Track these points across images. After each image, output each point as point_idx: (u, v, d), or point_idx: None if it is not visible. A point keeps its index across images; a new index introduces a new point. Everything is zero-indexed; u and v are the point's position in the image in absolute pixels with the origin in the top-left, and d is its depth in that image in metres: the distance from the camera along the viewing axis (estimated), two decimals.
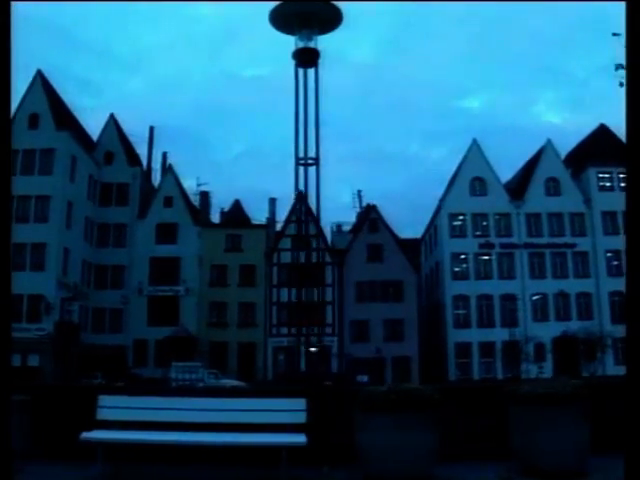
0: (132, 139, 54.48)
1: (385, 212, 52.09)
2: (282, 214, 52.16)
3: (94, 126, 54.20)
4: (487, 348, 50.67)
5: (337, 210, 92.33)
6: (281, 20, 10.79)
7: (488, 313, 51.74)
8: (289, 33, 10.87)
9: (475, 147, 54.08)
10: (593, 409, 6.68)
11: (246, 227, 50.64)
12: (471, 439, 7.90)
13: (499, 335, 50.36)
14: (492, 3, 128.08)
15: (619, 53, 6.47)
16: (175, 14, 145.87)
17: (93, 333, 48.69)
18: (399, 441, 6.22)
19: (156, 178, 55.72)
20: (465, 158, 54.09)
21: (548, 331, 50.45)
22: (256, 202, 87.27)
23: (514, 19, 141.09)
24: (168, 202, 50.68)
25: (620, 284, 52.27)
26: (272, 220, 53.53)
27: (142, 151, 55.60)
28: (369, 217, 51.21)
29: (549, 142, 54.90)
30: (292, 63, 10.85)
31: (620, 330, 51.96)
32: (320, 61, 10.69)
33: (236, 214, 52.16)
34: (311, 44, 10.78)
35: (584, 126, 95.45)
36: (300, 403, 6.70)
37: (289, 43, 10.76)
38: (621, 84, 6.92)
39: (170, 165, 52.79)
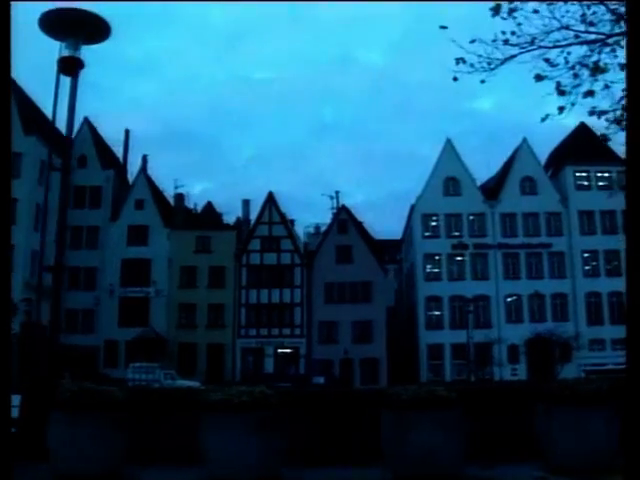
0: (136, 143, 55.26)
1: (394, 213, 51.93)
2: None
3: (104, 130, 55.66)
4: (459, 350, 50.19)
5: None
6: (49, 25, 10.86)
7: (461, 314, 51.22)
8: (57, 39, 10.93)
9: (449, 147, 53.61)
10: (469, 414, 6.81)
11: (216, 229, 50.88)
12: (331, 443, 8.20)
13: (473, 336, 49.85)
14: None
15: (454, 47, 6.50)
16: (185, 17, 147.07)
17: (66, 334, 49.22)
18: None
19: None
20: (439, 158, 53.64)
21: (522, 332, 49.79)
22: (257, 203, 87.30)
23: None
24: (139, 205, 51.17)
25: (596, 285, 51.56)
26: (245, 222, 53.69)
27: (147, 154, 55.80)
28: (338, 218, 51.07)
29: (525, 141, 54.15)
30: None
31: (597, 331, 51.41)
32: None
33: (208, 216, 52.41)
34: (77, 53, 10.81)
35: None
36: None
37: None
38: (455, 79, 6.82)
39: (142, 168, 53.27)
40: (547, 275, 51.99)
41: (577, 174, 53.25)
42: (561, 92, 6.64)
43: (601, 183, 51.94)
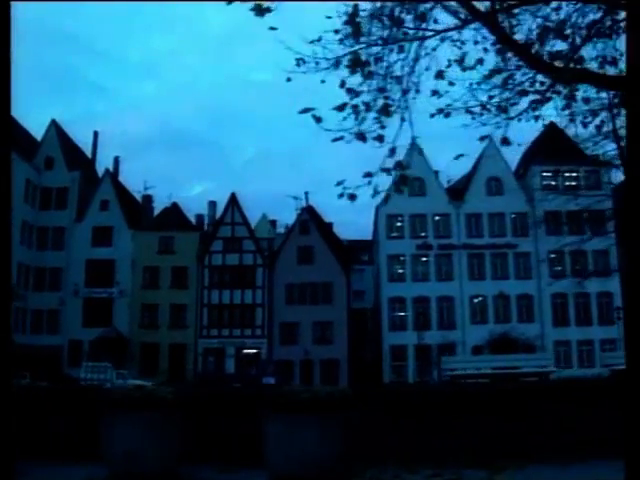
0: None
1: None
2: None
3: (105, 131, 56.14)
4: (423, 351, 49.98)
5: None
6: None
7: (425, 315, 51.01)
8: None
9: (415, 147, 53.20)
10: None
11: (179, 230, 51.09)
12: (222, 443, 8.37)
13: (435, 338, 49.67)
14: None
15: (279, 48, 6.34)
16: (184, 18, 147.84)
17: (31, 334, 49.82)
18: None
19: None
20: (404, 159, 53.23)
21: (487, 333, 49.48)
22: (256, 204, 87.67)
23: None
24: (104, 206, 51.57)
25: (562, 286, 51.01)
26: (210, 222, 53.86)
27: (147, 156, 56.34)
28: (300, 219, 51.06)
29: (491, 141, 53.45)
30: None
31: (563, 332, 50.93)
32: None
33: (172, 216, 52.65)
34: None
35: None
36: None
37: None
38: (289, 79, 6.84)
39: (107, 169, 53.68)
40: (512, 276, 51.62)
41: (544, 174, 52.77)
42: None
43: (568, 183, 51.44)
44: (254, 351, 49.55)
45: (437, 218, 52.41)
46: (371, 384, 44.15)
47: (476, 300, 51.53)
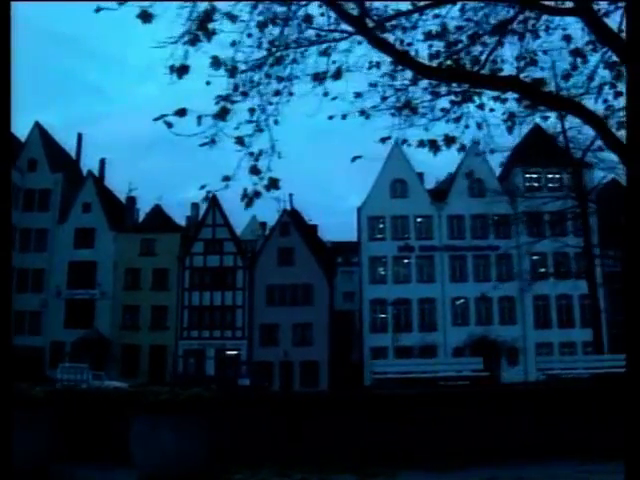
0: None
1: None
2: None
3: (105, 133, 56.34)
4: (404, 353, 49.85)
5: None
6: None
7: (406, 317, 50.94)
8: None
9: (396, 149, 53.13)
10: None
11: (160, 231, 51.20)
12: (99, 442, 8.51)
13: (417, 339, 49.59)
14: None
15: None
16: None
17: (14, 335, 50.01)
18: None
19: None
20: (386, 160, 53.24)
21: (468, 335, 49.38)
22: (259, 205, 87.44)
23: None
24: (87, 208, 51.75)
25: (544, 288, 50.79)
26: (193, 224, 53.92)
27: (149, 157, 56.44)
28: (280, 221, 51.08)
29: (474, 142, 53.46)
30: None
31: (545, 335, 50.73)
32: None
33: (155, 218, 52.79)
34: None
35: None
36: None
37: None
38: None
39: (90, 171, 53.88)
40: (494, 278, 51.39)
41: (526, 175, 52.62)
42: None
43: (551, 185, 51.25)
44: (234, 352, 49.63)
45: (419, 220, 52.33)
46: (350, 387, 44.16)
47: (458, 302, 51.43)
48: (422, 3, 6.96)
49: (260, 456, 8.91)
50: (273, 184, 6.60)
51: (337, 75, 6.83)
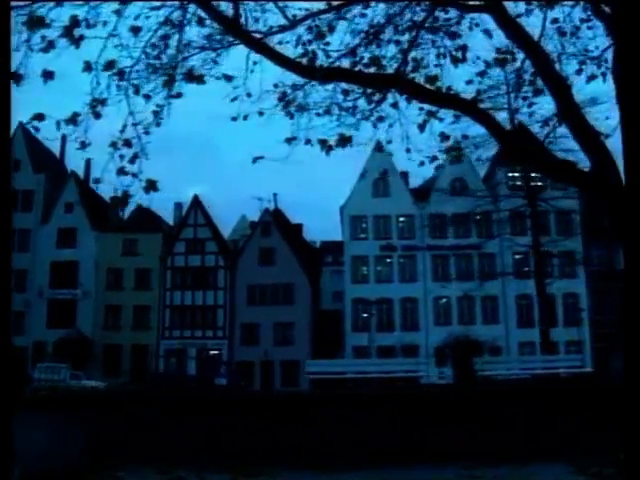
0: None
1: None
2: None
3: (104, 134, 56.16)
4: (386, 353, 49.81)
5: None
6: None
7: (388, 317, 50.87)
8: None
9: (379, 148, 53.12)
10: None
11: (143, 231, 51.25)
12: None
13: (399, 339, 49.53)
14: None
15: None
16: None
17: None
18: None
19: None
20: (368, 159, 53.04)
21: (450, 335, 49.19)
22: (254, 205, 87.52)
23: None
24: (69, 208, 51.84)
25: (527, 287, 50.66)
26: (177, 224, 53.99)
27: (151, 158, 56.32)
28: (262, 220, 51.10)
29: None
30: None
31: (528, 334, 50.52)
32: None
33: (138, 218, 52.83)
34: None
35: None
36: None
37: None
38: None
39: (72, 171, 53.98)
40: (477, 277, 51.27)
41: (509, 174, 52.41)
42: None
43: (533, 184, 51.04)
44: (216, 352, 49.66)
45: (401, 219, 52.25)
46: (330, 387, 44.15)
47: (440, 301, 51.35)
48: (335, 3, 6.94)
49: (148, 454, 8.96)
50: (151, 186, 6.66)
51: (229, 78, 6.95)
